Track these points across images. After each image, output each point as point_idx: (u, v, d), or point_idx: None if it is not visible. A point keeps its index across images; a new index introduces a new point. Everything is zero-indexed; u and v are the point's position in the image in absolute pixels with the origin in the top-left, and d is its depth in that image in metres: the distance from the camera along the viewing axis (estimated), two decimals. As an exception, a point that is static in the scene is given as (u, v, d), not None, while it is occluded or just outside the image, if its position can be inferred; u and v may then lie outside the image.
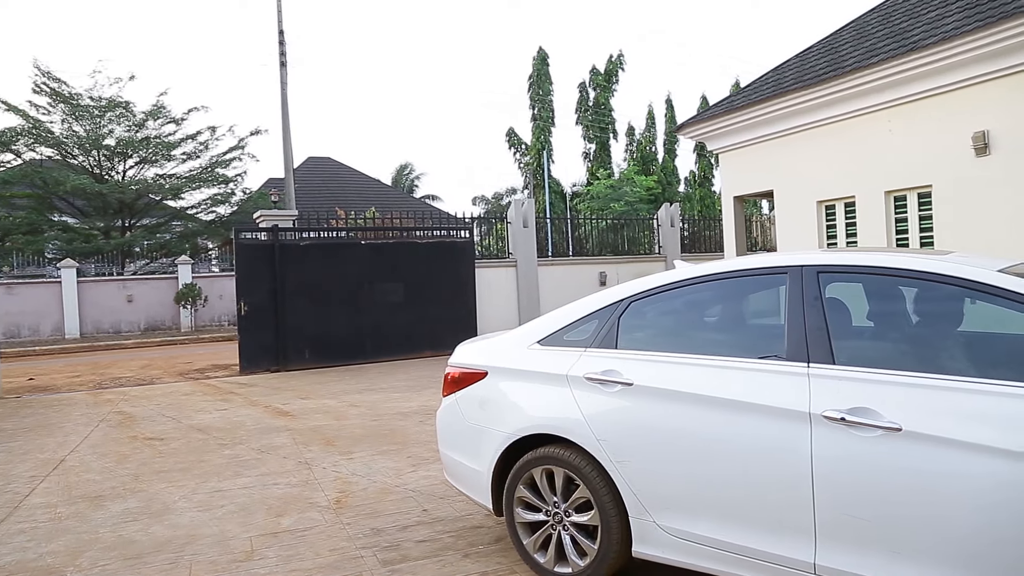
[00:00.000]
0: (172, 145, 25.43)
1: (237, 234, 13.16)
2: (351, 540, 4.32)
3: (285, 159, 20.91)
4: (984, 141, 8.04)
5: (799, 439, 2.77)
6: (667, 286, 3.52)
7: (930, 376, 2.62)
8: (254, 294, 12.80)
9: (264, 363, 12.81)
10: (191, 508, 5.06)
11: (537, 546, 3.62)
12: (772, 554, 2.86)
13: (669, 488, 3.16)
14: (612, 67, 35.70)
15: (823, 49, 10.64)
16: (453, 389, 4.08)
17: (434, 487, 5.30)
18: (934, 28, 8.48)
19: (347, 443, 6.90)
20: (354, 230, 14.90)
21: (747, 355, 3.13)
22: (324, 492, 5.34)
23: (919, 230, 9.06)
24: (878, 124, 9.26)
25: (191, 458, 6.54)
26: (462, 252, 14.90)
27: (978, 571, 2.41)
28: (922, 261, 2.91)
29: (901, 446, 2.56)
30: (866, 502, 2.64)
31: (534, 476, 3.59)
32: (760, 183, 11.41)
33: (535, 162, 35.00)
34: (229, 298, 20.96)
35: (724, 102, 12.05)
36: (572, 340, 3.68)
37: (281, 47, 21.61)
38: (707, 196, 35.49)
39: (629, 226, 20.64)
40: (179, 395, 10.50)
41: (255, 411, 8.90)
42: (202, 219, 26.78)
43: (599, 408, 3.36)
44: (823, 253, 3.28)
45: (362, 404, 9.06)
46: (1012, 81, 7.78)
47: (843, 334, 2.99)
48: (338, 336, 13.33)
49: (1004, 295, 2.62)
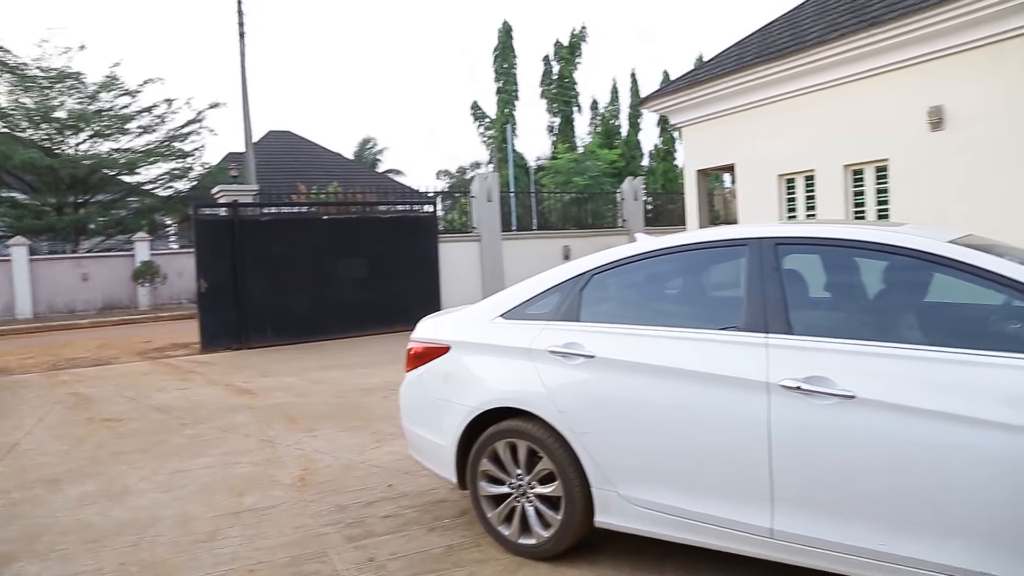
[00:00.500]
0: (127, 118, 24.64)
1: (196, 210, 12.89)
2: (315, 517, 4.31)
3: (245, 133, 20.54)
4: (939, 116, 8.18)
5: (757, 408, 2.81)
6: (628, 259, 3.53)
7: (883, 345, 2.69)
8: (214, 271, 12.58)
9: (225, 341, 12.63)
10: (152, 489, 4.99)
11: (501, 518, 3.65)
12: (731, 520, 2.92)
13: (630, 458, 3.19)
14: (576, 40, 35.52)
15: (785, 24, 10.70)
16: (416, 364, 4.07)
17: (398, 462, 5.29)
18: (893, 4, 8.56)
19: (310, 420, 6.86)
20: (316, 205, 14.70)
21: (707, 326, 3.16)
22: (287, 470, 5.30)
23: (876, 203, 9.22)
24: (838, 98, 9.37)
25: (151, 439, 6.44)
26: (425, 227, 14.80)
27: (929, 530, 2.49)
28: (876, 233, 2.96)
29: (855, 413, 2.62)
30: (822, 468, 2.70)
31: (497, 449, 3.60)
32: (722, 157, 11.50)
33: (499, 136, 34.81)
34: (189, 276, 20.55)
35: (687, 76, 12.08)
36: (535, 313, 3.68)
37: (240, 17, 21.12)
38: (670, 170, 35.65)
39: (593, 200, 20.68)
40: (138, 375, 10.31)
41: (216, 390, 8.79)
42: (159, 195, 26.07)
43: (561, 381, 3.38)
44: (781, 225, 3.32)
45: (325, 381, 9.00)
46: (966, 57, 7.91)
47: (800, 305, 3.03)
48: (300, 313, 13.19)
49: (953, 265, 2.68)
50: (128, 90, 24.70)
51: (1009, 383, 2.41)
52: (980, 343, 2.56)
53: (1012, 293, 2.57)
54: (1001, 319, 2.75)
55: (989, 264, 2.61)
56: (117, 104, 24.68)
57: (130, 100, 24.85)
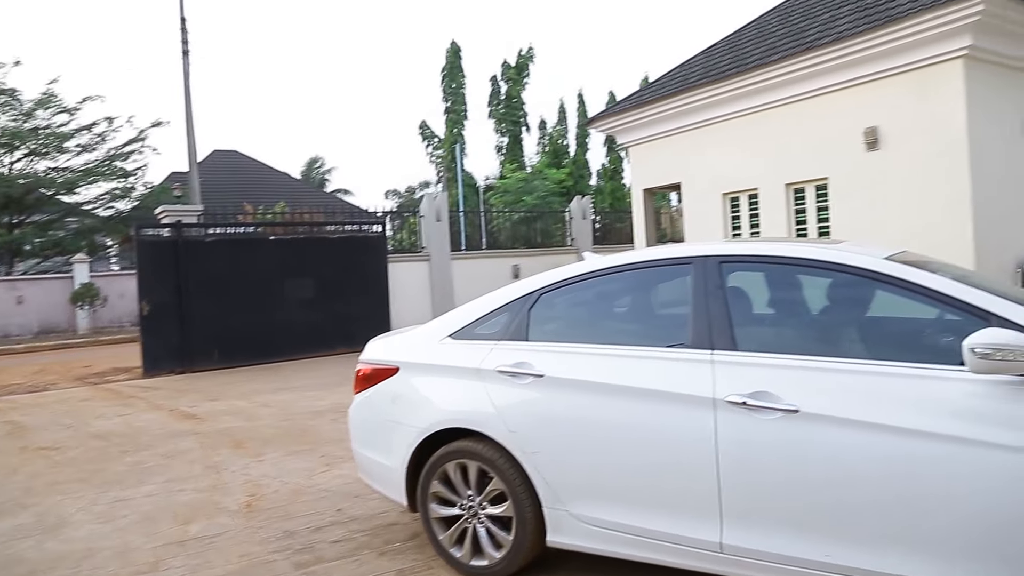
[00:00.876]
0: (65, 136, 23.97)
1: (138, 230, 12.59)
2: (263, 544, 4.21)
3: (189, 152, 20.14)
4: (874, 136, 8.47)
5: (704, 424, 2.85)
6: (576, 278, 3.57)
7: (824, 359, 2.75)
8: (157, 293, 12.28)
9: (169, 364, 12.31)
10: (90, 520, 4.81)
11: (453, 540, 3.62)
12: (681, 536, 2.94)
13: (581, 477, 3.20)
14: (523, 61, 35.85)
15: (727, 46, 10.98)
16: (365, 385, 4.02)
17: (348, 486, 5.21)
18: (829, 29, 8.87)
19: (258, 444, 6.71)
20: (263, 225, 14.50)
21: (654, 344, 3.21)
22: (234, 496, 5.18)
23: (817, 220, 9.48)
24: (779, 119, 9.63)
25: (90, 467, 6.22)
26: (374, 247, 14.70)
27: (873, 540, 2.55)
28: (816, 250, 3.05)
29: (799, 427, 2.67)
30: (768, 482, 2.74)
31: (448, 471, 3.58)
32: (668, 176, 11.70)
33: (448, 155, 34.84)
34: (130, 298, 20.01)
35: (633, 96, 12.29)
36: (483, 333, 3.69)
37: (183, 35, 20.76)
38: (618, 189, 36.11)
39: (542, 219, 20.81)
40: (76, 401, 9.97)
41: (160, 415, 8.55)
42: (100, 215, 25.36)
43: (511, 400, 3.38)
44: (725, 244, 3.39)
45: (273, 404, 8.84)
46: (899, 80, 8.23)
47: (745, 321, 3.10)
48: (248, 335, 12.94)
49: (890, 281, 2.77)
50: (66, 108, 24.06)
51: (944, 394, 2.49)
52: (917, 356, 2.64)
53: (945, 308, 2.67)
54: (935, 333, 2.85)
55: (923, 280, 2.71)
56: (54, 122, 24.01)
57: (68, 118, 24.22)
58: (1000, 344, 2.32)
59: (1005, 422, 2.36)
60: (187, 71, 20.33)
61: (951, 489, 2.41)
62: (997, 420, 2.38)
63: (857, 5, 8.85)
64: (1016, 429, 2.34)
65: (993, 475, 2.34)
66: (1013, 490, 2.31)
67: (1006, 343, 2.31)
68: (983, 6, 7.15)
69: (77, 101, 24.28)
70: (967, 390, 2.45)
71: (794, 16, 10.16)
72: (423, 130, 36.43)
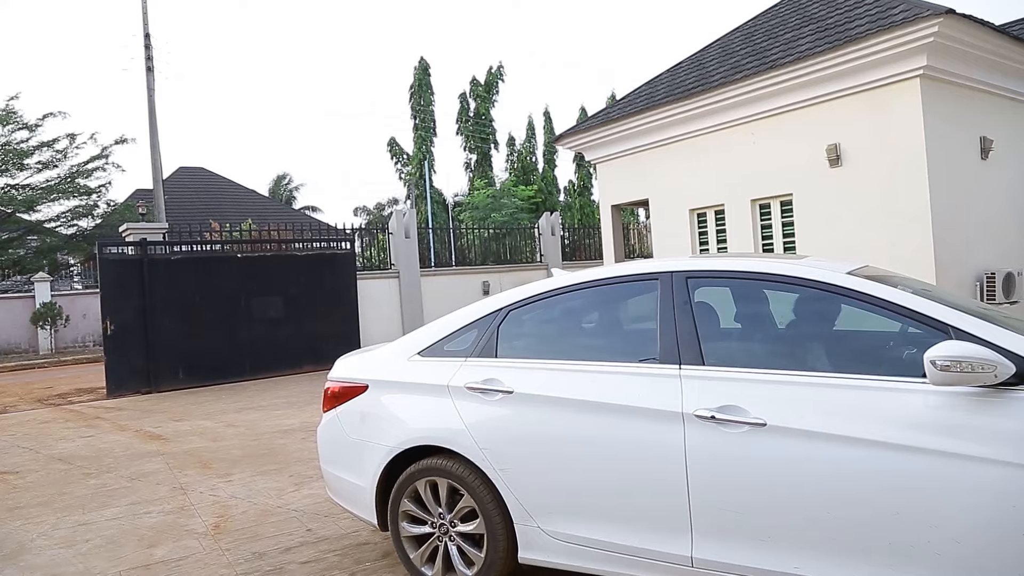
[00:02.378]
0: (25, 153, 23.48)
1: (101, 249, 12.40)
2: (231, 567, 4.14)
3: (153, 169, 19.92)
4: (836, 153, 8.64)
5: (673, 438, 2.88)
6: (544, 294, 3.58)
7: (790, 373, 2.79)
8: (121, 312, 12.08)
9: (134, 385, 12.10)
10: (51, 545, 4.70)
11: (424, 559, 3.59)
12: (652, 551, 2.95)
13: (551, 493, 3.20)
14: (492, 78, 36.04)
15: (692, 65, 11.15)
16: (333, 404, 3.99)
17: (318, 506, 5.16)
18: (790, 48, 9.06)
19: (225, 465, 6.61)
20: (229, 243, 14.34)
21: (622, 359, 3.23)
22: (201, 518, 5.09)
23: (782, 236, 9.63)
24: (744, 136, 9.79)
25: (51, 491, 6.08)
26: (343, 264, 14.63)
27: (842, 553, 2.58)
28: (781, 265, 3.10)
29: (767, 440, 2.70)
30: (737, 495, 2.77)
31: (418, 488, 3.56)
32: (636, 192, 11.81)
33: (417, 172, 34.82)
34: (94, 317, 19.68)
35: (600, 114, 12.41)
36: (453, 350, 3.68)
37: (147, 51, 20.60)
38: (587, 205, 36.35)
39: (511, 235, 20.88)
40: (37, 423, 9.74)
41: (124, 436, 8.39)
42: (62, 233, 24.88)
43: (481, 417, 3.38)
44: (691, 260, 3.43)
45: (240, 424, 8.71)
46: (859, 98, 8.42)
47: (712, 336, 3.13)
48: (214, 354, 12.77)
49: (852, 295, 2.83)
50: (26, 124, 23.61)
51: (906, 406, 2.53)
52: (880, 369, 2.70)
53: (906, 321, 2.73)
54: (898, 345, 2.91)
55: (885, 294, 2.76)
56: (14, 139, 23.54)
57: (29, 134, 23.76)
58: (959, 356, 2.37)
59: (965, 433, 2.41)
60: (151, 87, 20.16)
61: (914, 499, 2.45)
62: (957, 431, 2.43)
63: (818, 26, 9.06)
64: (975, 440, 2.39)
65: (953, 485, 2.39)
66: (973, 499, 2.36)
67: (965, 355, 2.37)
68: (937, 28, 7.36)
69: (38, 117, 23.83)
70: (928, 402, 2.50)
71: (757, 36, 10.36)
72: (392, 147, 36.37)
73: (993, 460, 2.34)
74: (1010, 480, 2.31)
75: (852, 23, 8.40)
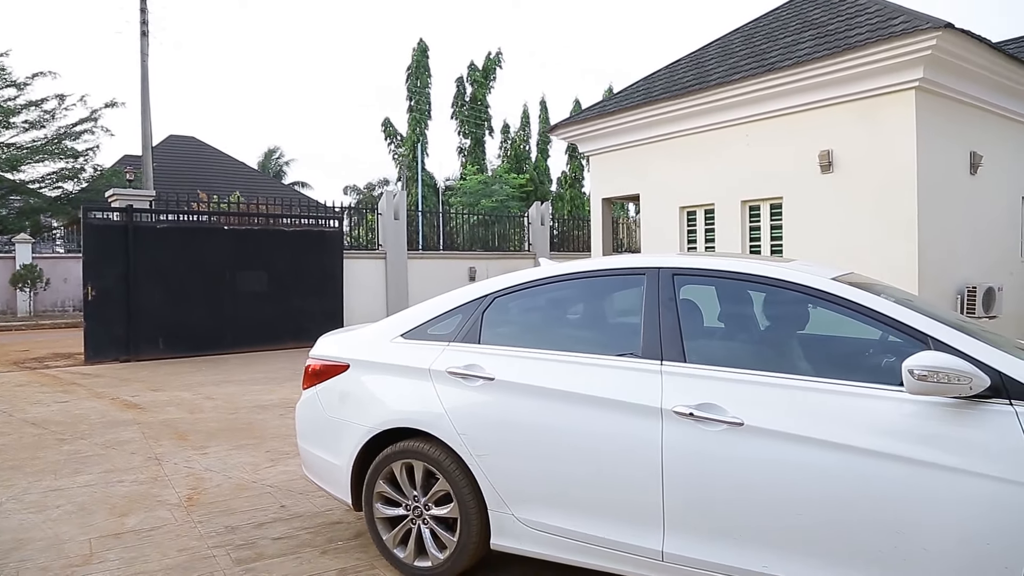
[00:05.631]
0: (11, 111, 23.17)
1: (86, 213, 12.26)
2: (202, 539, 4.13)
3: (143, 135, 19.70)
4: (829, 159, 8.69)
5: (651, 433, 2.89)
6: (530, 283, 3.58)
7: (770, 375, 2.81)
8: (104, 278, 11.97)
9: (113, 352, 12.01)
10: (21, 510, 4.66)
11: (397, 541, 3.60)
12: (623, 543, 2.97)
13: (527, 481, 3.21)
14: (490, 64, 35.92)
15: (691, 63, 11.16)
16: (313, 382, 3.98)
17: (293, 482, 5.15)
18: (789, 52, 9.08)
19: (201, 437, 6.59)
20: (217, 214, 14.26)
21: (605, 352, 3.23)
22: (175, 489, 5.07)
23: (771, 238, 9.68)
24: (737, 137, 9.82)
25: (23, 455, 6.03)
26: (331, 242, 14.57)
27: (812, 553, 2.61)
28: (767, 267, 3.11)
29: (743, 440, 2.72)
30: (710, 493, 2.79)
31: (394, 470, 3.56)
32: (628, 187, 11.83)
33: (410, 154, 34.70)
34: (75, 282, 19.50)
35: (597, 106, 12.40)
36: (436, 334, 3.68)
37: (143, 15, 20.34)
38: (577, 197, 36.38)
39: (500, 222, 20.86)
40: (12, 386, 9.66)
41: (100, 403, 8.33)
42: (46, 195, 24.61)
43: (460, 402, 3.38)
44: (679, 257, 3.43)
45: (219, 396, 8.68)
46: (854, 106, 8.47)
47: (695, 334, 3.14)
48: (196, 325, 12.70)
49: (835, 301, 2.84)
50: (15, 81, 23.30)
51: (882, 413, 2.56)
52: (858, 375, 2.72)
53: (887, 329, 2.75)
54: (878, 353, 2.93)
55: (867, 301, 2.78)
56: (2, 96, 23.22)
57: (16, 92, 23.44)
58: (937, 367, 2.39)
59: (938, 442, 2.44)
60: (145, 52, 19.92)
61: (885, 506, 2.48)
62: (931, 440, 2.45)
63: (818, 31, 9.08)
64: (947, 450, 2.42)
65: (924, 494, 2.42)
66: (942, 508, 2.39)
67: (943, 366, 2.39)
68: (935, 41, 7.41)
69: (27, 76, 23.52)
70: (904, 410, 2.52)
71: (757, 37, 10.38)
72: (386, 127, 36.23)
73: (964, 471, 2.37)
74: (979, 491, 2.34)
75: (852, 31, 8.43)
